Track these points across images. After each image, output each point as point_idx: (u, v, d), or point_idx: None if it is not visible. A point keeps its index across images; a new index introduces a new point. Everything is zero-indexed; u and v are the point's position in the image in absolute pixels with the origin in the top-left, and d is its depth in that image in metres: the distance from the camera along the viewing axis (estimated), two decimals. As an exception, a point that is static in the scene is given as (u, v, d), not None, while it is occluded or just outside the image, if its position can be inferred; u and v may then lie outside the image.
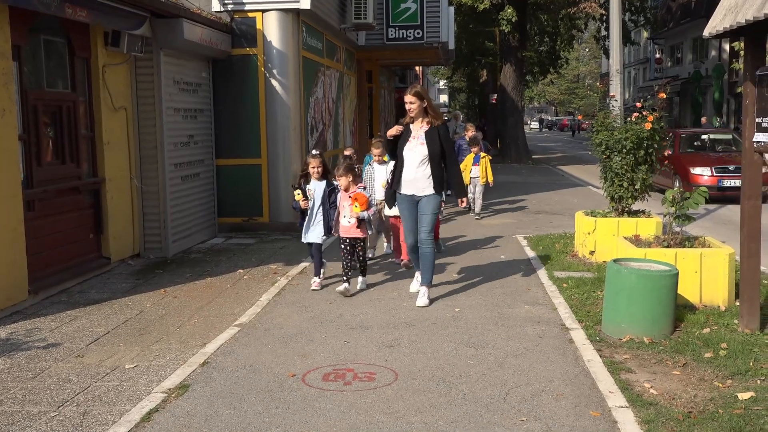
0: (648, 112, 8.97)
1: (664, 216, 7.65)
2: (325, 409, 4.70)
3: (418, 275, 7.63)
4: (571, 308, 7.02)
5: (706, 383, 5.07)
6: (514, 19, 28.24)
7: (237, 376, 5.35)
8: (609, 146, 9.13)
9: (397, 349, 5.90)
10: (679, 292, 6.37)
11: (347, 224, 7.65)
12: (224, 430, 4.41)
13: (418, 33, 18.29)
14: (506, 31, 29.19)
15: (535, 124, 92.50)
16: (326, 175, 7.94)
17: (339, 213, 7.70)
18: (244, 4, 11.66)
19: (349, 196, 7.56)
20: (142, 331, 6.68)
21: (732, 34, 6.11)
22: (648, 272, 6.14)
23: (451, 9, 22.52)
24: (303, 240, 8.04)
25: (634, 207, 9.44)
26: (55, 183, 8.39)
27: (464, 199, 7.48)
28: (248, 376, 5.35)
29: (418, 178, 7.21)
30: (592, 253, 9.19)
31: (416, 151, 7.19)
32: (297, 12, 11.97)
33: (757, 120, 5.86)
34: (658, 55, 50.08)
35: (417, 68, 39.81)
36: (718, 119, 37.42)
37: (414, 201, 7.30)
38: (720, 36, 6.26)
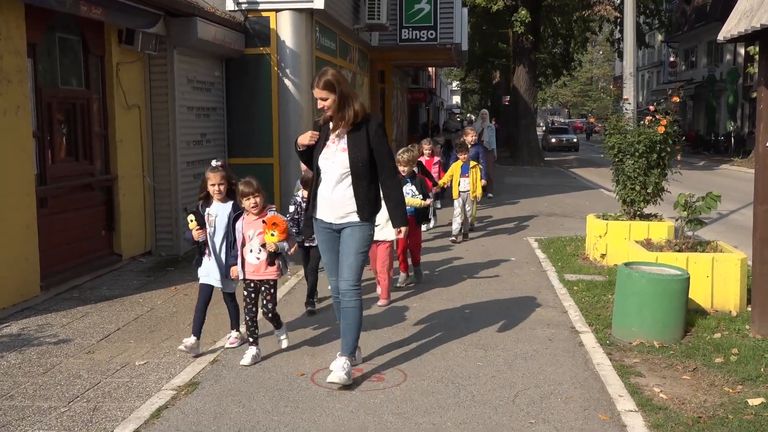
0: (661, 115, 8.94)
1: (676, 220, 7.62)
2: (333, 409, 4.71)
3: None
4: (582, 311, 7.00)
5: (717, 388, 5.05)
6: (527, 21, 28.19)
7: (246, 374, 5.36)
8: (621, 149, 9.10)
9: (406, 350, 5.90)
10: (690, 296, 6.33)
11: (255, 261, 5.61)
12: (233, 428, 4.43)
13: (432, 34, 18.29)
14: (520, 32, 29.13)
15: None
16: (233, 194, 5.86)
17: (244, 246, 5.68)
18: (257, 3, 11.68)
19: (263, 221, 5.51)
20: (152, 328, 6.71)
21: (747, 38, 6.09)
22: (659, 276, 6.12)
23: (465, 10, 22.52)
24: (202, 281, 5.96)
25: (646, 210, 9.40)
26: (68, 180, 8.44)
27: (402, 230, 5.25)
28: (257, 374, 5.36)
29: (337, 200, 5.16)
30: (603, 256, 9.16)
31: (335, 161, 5.14)
32: (310, 12, 11.99)
33: (771, 124, 5.84)
34: (672, 59, 49.87)
35: (430, 69, 39.84)
36: (732, 123, 37.24)
37: (333, 232, 5.30)
38: (735, 40, 6.23)
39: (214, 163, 5.94)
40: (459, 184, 11.20)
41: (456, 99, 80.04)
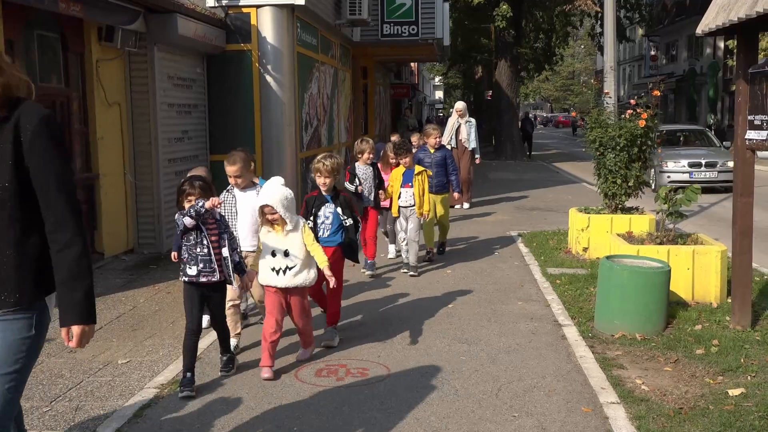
0: (642, 109, 8.99)
1: (657, 213, 7.67)
2: (318, 405, 4.71)
3: None
4: (564, 304, 7.04)
5: (697, 379, 5.10)
6: (509, 16, 28.24)
7: (229, 372, 5.35)
8: (603, 143, 9.14)
9: (390, 345, 5.91)
10: (671, 288, 6.38)
11: None
12: (217, 426, 4.42)
13: (413, 29, 18.31)
14: (501, 27, 29.19)
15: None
16: None
17: None
18: (238, -1, 11.64)
19: None
20: (135, 326, 6.67)
21: (725, 32, 6.13)
22: (640, 269, 6.16)
23: (446, 5, 22.49)
24: None
25: (628, 204, 9.46)
26: (48, 178, 8.36)
27: (72, 331, 2.95)
28: (241, 372, 5.35)
29: None
30: (585, 249, 9.21)
31: None
32: (292, 8, 11.95)
33: (749, 117, 5.88)
34: (653, 53, 50.09)
35: (412, 64, 39.83)
36: (713, 117, 37.51)
37: None
38: (713, 34, 6.27)
39: None
40: (399, 198, 8.31)
41: (439, 94, 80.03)
